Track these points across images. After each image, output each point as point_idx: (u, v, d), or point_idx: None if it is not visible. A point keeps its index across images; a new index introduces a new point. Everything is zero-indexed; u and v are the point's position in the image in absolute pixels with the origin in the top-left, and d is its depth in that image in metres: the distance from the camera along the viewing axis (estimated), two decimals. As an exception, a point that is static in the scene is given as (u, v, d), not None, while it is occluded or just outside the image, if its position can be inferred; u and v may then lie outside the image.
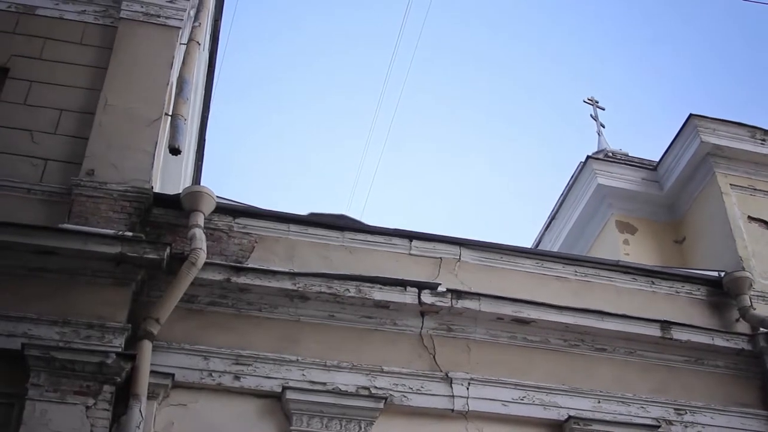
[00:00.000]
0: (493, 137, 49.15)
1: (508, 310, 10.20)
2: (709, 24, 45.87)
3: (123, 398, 8.46)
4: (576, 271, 11.19)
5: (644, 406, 10.27)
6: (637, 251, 15.26)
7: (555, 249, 17.14)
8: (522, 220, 44.83)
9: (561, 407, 9.99)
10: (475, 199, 47.57)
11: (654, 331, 10.60)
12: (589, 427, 9.85)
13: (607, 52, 48.94)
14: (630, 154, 17.68)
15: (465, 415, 9.67)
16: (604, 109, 20.02)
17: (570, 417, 9.86)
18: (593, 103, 19.99)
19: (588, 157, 16.64)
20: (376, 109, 44.38)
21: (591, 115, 19.83)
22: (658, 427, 10.14)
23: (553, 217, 17.69)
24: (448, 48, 48.23)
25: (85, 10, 11.30)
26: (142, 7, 11.35)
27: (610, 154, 17.60)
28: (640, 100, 47.49)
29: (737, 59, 45.63)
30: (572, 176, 16.90)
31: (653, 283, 11.44)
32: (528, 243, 18.68)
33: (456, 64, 48.64)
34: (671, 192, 15.39)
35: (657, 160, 16.03)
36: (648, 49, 47.54)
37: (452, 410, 9.65)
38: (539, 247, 17.59)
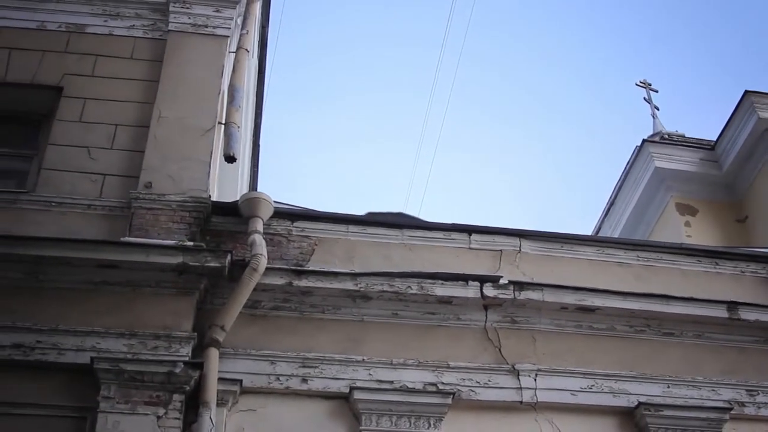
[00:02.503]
0: (546, 127, 48.96)
1: (571, 298, 10.12)
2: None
3: (193, 406, 8.53)
4: (638, 256, 11.05)
5: (715, 388, 10.12)
6: (699, 232, 15.16)
7: (615, 235, 17.05)
8: (580, 209, 44.60)
9: (631, 394, 9.87)
10: (533, 190, 47.42)
11: (721, 312, 10.45)
12: (660, 413, 9.74)
13: (657, 33, 48.48)
14: (686, 135, 17.53)
15: (534, 407, 9.60)
16: (657, 92, 19.88)
17: (640, 403, 9.76)
18: (646, 86, 19.84)
19: (644, 140, 16.56)
20: (428, 103, 44.34)
21: (644, 98, 19.70)
22: (731, 409, 9.98)
23: (611, 204, 17.59)
24: (495, 39, 48.17)
25: (133, 25, 11.42)
26: (189, 18, 11.44)
27: (666, 137, 17.48)
28: (694, 80, 46.99)
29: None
30: (629, 161, 16.82)
31: (717, 264, 11.26)
32: (588, 231, 18.59)
33: (504, 54, 48.59)
34: (731, 171, 15.25)
35: (714, 139, 15.89)
36: (698, 26, 46.99)
37: (521, 402, 9.59)
38: (599, 234, 17.50)
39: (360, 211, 11.25)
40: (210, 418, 8.44)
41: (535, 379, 9.71)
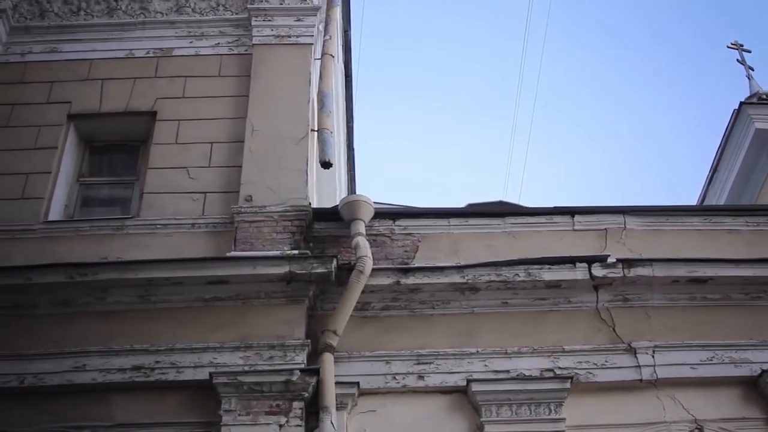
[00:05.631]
0: (641, 100, 48.27)
1: (682, 271, 9.93)
2: None
3: (313, 412, 8.63)
4: (747, 222, 10.79)
5: (840, 349, 9.85)
6: (809, 191, 14.83)
7: (721, 202, 16.75)
8: (684, 179, 43.84)
9: (753, 362, 9.62)
10: (633, 166, 46.80)
11: (840, 270, 10.16)
12: (786, 379, 9.52)
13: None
14: (785, 93, 17.16)
15: (654, 384, 9.45)
16: (750, 52, 19.44)
17: (764, 371, 9.51)
18: (738, 47, 19.45)
19: (741, 103, 16.26)
20: (517, 88, 43.95)
21: (737, 60, 19.30)
22: None
23: (714, 170, 17.29)
24: (580, 14, 47.61)
25: (218, 43, 11.59)
26: (272, 30, 11.55)
27: (764, 97, 17.11)
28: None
29: None
30: (728, 125, 16.52)
31: (831, 221, 10.96)
32: (693, 201, 18.29)
33: (590, 29, 48.03)
34: (835, 125, 14.85)
35: (816, 93, 15.52)
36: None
37: (640, 380, 9.45)
38: (705, 203, 17.22)
39: (459, 203, 11.24)
40: (331, 422, 8.51)
41: (653, 356, 9.56)
